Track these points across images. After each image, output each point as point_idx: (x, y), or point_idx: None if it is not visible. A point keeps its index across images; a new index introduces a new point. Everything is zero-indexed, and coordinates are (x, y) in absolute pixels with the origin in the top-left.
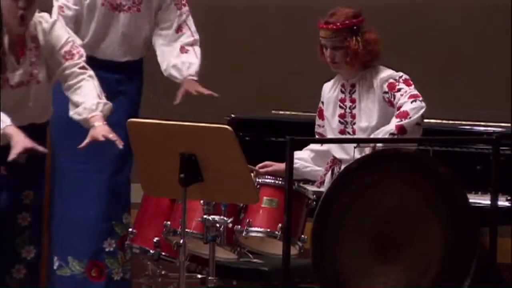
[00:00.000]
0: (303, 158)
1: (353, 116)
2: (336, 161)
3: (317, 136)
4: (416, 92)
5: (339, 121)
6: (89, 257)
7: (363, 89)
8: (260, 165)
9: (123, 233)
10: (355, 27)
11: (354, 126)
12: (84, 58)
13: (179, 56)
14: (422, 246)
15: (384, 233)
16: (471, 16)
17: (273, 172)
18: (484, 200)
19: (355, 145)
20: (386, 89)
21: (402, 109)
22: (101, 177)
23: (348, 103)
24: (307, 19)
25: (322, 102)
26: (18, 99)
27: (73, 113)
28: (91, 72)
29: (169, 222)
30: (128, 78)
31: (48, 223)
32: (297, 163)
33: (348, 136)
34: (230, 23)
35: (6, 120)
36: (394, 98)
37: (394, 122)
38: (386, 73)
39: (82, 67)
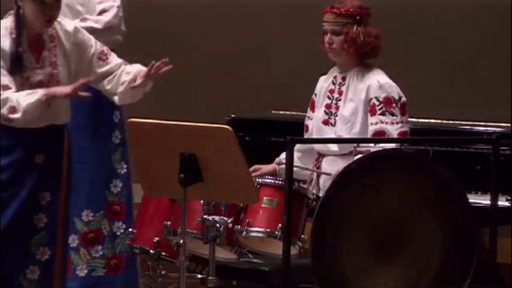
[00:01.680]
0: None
1: (337, 108)
2: (319, 157)
3: (304, 128)
4: (406, 128)
5: (324, 111)
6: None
7: (353, 83)
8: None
9: (83, 230)
10: (358, 17)
11: (336, 117)
12: (114, 53)
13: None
14: (422, 246)
15: (384, 233)
16: (471, 16)
17: (261, 175)
18: (484, 200)
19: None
20: (380, 99)
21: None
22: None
23: (335, 95)
24: (307, 19)
25: (315, 94)
26: None
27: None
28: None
29: (169, 222)
30: None
31: (64, 225)
32: (282, 165)
33: (330, 127)
34: (230, 23)
35: (34, 92)
36: (382, 114)
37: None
38: (384, 79)
39: (121, 64)
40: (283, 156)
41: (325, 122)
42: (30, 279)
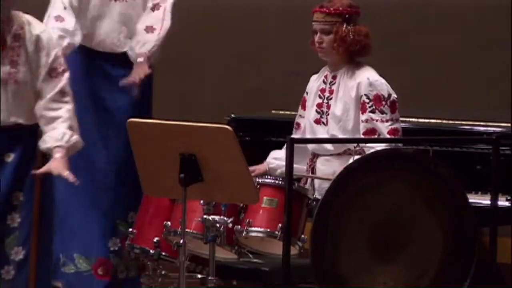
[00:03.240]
0: (280, 158)
1: (329, 107)
2: (313, 158)
3: (295, 126)
4: (396, 125)
5: (316, 111)
6: (96, 254)
7: (343, 81)
8: None
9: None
10: (347, 16)
11: (328, 117)
12: (67, 76)
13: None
14: (422, 246)
15: (384, 233)
16: (471, 16)
17: (256, 176)
18: (484, 200)
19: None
20: (370, 97)
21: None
22: (104, 175)
23: (327, 94)
24: (307, 20)
25: (307, 93)
26: None
27: (40, 141)
28: (70, 104)
29: (169, 222)
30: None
31: (38, 224)
32: (273, 164)
33: (322, 126)
34: (230, 24)
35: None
36: (372, 112)
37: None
38: (374, 76)
39: (63, 93)
40: (271, 155)
41: (317, 122)
42: (5, 279)
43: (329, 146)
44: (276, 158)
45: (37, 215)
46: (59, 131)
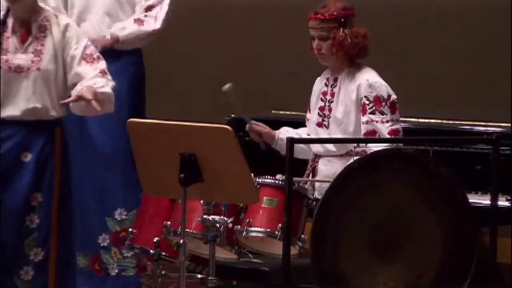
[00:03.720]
0: (291, 133)
1: (330, 110)
2: (315, 158)
3: (307, 133)
4: (397, 125)
5: (318, 114)
6: (92, 251)
7: (344, 84)
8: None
9: (115, 229)
10: (343, 19)
11: (330, 120)
12: (104, 63)
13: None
14: (422, 246)
15: (384, 233)
16: (470, 16)
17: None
18: (484, 200)
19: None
20: (370, 98)
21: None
22: (91, 172)
23: (328, 97)
24: (307, 20)
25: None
26: (17, 84)
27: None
28: (109, 78)
29: (169, 222)
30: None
31: (57, 225)
32: (284, 135)
33: (324, 129)
34: (230, 24)
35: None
36: (373, 113)
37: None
38: (374, 78)
39: (103, 71)
40: (283, 128)
41: (319, 125)
42: (24, 280)
43: (331, 148)
44: (288, 131)
45: (57, 216)
46: (95, 80)
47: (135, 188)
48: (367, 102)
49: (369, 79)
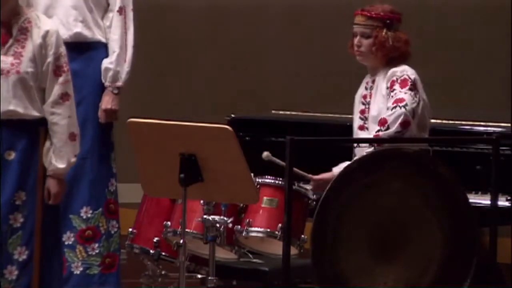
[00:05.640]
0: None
1: (369, 111)
2: None
3: None
4: (403, 95)
5: (360, 117)
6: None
7: (380, 83)
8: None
9: (81, 227)
10: (388, 21)
11: (368, 121)
12: (69, 75)
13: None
14: (422, 246)
15: (384, 233)
16: (471, 17)
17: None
18: (484, 200)
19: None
20: (388, 85)
21: (382, 116)
22: None
23: (368, 99)
24: (307, 20)
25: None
26: None
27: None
28: (67, 103)
29: (169, 222)
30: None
31: (42, 224)
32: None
33: (366, 132)
34: (230, 23)
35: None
36: (389, 98)
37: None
38: (396, 68)
39: (64, 95)
40: (340, 166)
41: (361, 128)
42: (8, 279)
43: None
44: (339, 167)
45: (41, 215)
46: (47, 158)
47: (101, 186)
48: (387, 91)
49: (390, 72)
